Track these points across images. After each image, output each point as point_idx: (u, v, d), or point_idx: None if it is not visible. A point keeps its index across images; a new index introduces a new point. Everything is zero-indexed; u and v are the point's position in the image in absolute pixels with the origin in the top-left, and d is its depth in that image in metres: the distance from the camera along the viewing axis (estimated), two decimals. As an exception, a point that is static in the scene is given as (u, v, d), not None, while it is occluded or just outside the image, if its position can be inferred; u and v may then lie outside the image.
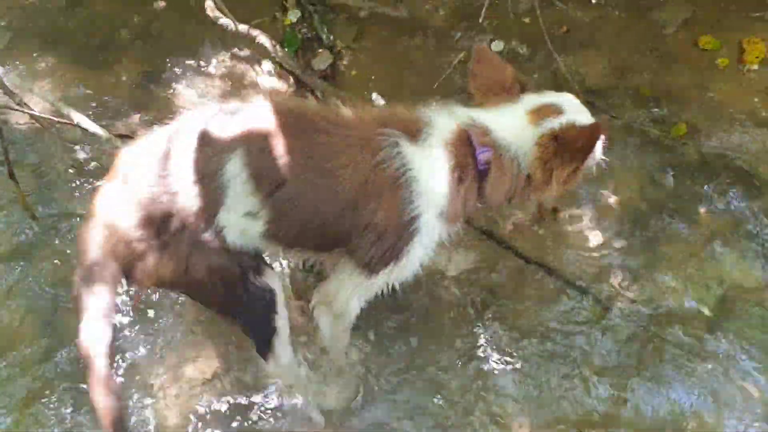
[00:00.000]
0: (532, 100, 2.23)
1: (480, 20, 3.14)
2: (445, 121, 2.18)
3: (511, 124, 2.18)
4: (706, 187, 3.08)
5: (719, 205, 3.03)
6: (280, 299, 2.27)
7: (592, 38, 3.57)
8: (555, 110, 2.19)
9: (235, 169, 2.03)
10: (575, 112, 2.22)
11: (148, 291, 2.72)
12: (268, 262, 2.33)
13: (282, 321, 2.31)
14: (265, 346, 2.33)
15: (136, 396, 2.58)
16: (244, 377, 2.61)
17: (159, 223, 2.05)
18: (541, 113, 2.18)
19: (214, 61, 3.60)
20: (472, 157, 2.14)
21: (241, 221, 2.10)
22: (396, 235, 2.11)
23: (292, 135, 2.06)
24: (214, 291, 2.17)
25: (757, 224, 2.97)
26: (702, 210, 3.02)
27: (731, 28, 3.51)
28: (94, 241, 2.13)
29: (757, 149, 3.19)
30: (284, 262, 2.80)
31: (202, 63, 3.58)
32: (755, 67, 3.40)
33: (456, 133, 2.15)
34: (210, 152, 2.04)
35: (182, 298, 2.72)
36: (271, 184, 2.05)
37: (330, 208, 2.09)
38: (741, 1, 3.58)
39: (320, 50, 3.59)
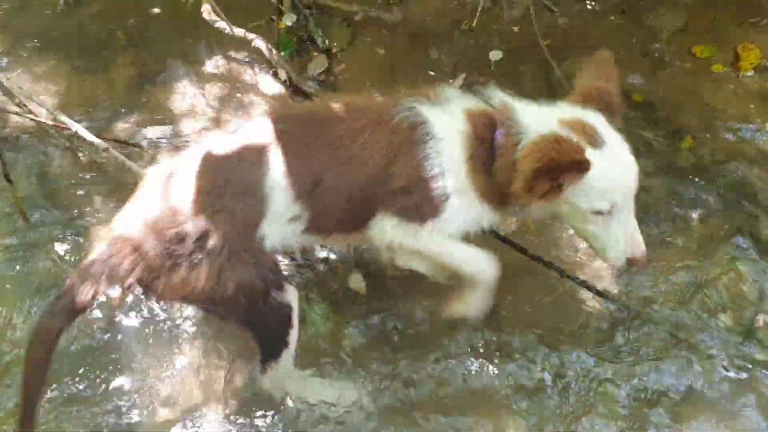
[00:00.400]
0: (593, 117, 2.14)
1: (472, 24, 3.14)
2: (469, 97, 2.22)
3: (543, 117, 2.13)
4: (699, 191, 3.09)
5: (713, 210, 3.03)
6: (295, 315, 2.31)
7: (587, 43, 3.58)
8: (594, 139, 2.08)
9: (274, 181, 2.12)
10: (605, 154, 2.07)
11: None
12: (288, 278, 2.37)
13: (293, 336, 2.34)
14: (271, 357, 2.36)
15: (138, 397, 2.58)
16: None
17: (195, 240, 2.08)
18: (578, 128, 2.08)
19: (209, 64, 3.61)
20: (491, 135, 2.14)
21: (285, 227, 2.20)
22: (424, 189, 2.16)
23: (315, 134, 2.16)
24: (238, 306, 2.20)
25: (752, 229, 2.96)
26: (695, 214, 3.02)
27: (726, 34, 3.53)
28: (109, 249, 2.14)
29: (752, 155, 3.20)
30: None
31: (198, 66, 3.59)
32: (750, 73, 3.42)
33: (479, 108, 2.18)
34: (247, 168, 2.13)
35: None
36: (308, 187, 2.14)
37: (363, 187, 2.18)
38: (735, 7, 3.60)
39: (316, 54, 3.60)
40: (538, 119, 2.12)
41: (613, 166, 2.07)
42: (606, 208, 2.10)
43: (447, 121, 2.16)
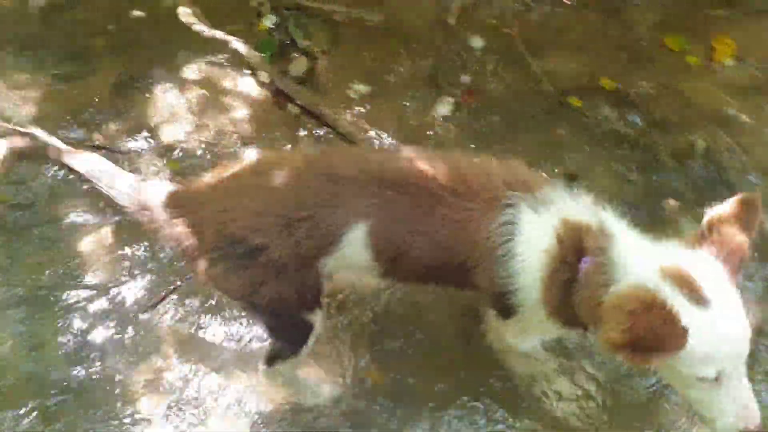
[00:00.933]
0: (704, 266, 1.80)
1: (450, 21, 3.16)
2: (573, 201, 2.01)
3: (643, 259, 1.83)
4: (678, 183, 3.14)
5: (691, 202, 3.07)
6: (314, 335, 2.33)
7: (566, 39, 3.63)
8: (700, 295, 1.73)
9: (357, 237, 2.05)
10: (712, 314, 1.73)
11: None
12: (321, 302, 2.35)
13: (304, 351, 2.37)
14: (278, 358, 2.40)
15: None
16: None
17: (250, 249, 2.04)
18: (682, 281, 1.75)
19: (191, 68, 3.59)
20: (578, 259, 1.90)
21: (354, 271, 2.21)
22: (499, 297, 2.08)
23: (417, 210, 2.03)
24: (263, 313, 2.25)
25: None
26: (674, 204, 3.07)
27: (701, 27, 3.59)
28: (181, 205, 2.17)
29: (728, 146, 3.26)
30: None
31: (179, 71, 3.57)
32: (725, 64, 3.47)
33: (576, 223, 1.93)
34: (335, 212, 2.04)
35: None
36: (391, 255, 2.09)
37: (446, 274, 2.13)
38: (710, 1, 3.65)
39: (297, 55, 3.60)
40: (636, 261, 1.83)
41: (720, 330, 1.73)
42: (711, 375, 1.78)
43: (537, 232, 1.96)
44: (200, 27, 3.45)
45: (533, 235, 1.97)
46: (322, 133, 3.31)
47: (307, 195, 2.05)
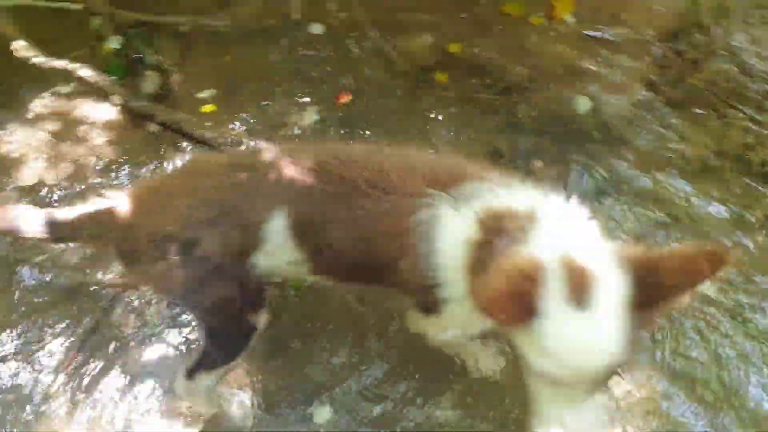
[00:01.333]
0: (611, 277, 1.60)
1: (298, 16, 3.16)
2: (500, 195, 1.89)
3: (557, 241, 1.69)
4: (539, 141, 3.23)
5: (552, 157, 3.18)
6: (254, 338, 2.30)
7: (412, 18, 3.70)
8: (581, 296, 1.56)
9: (277, 227, 2.05)
10: (578, 318, 1.58)
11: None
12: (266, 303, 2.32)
13: (239, 358, 2.34)
14: (206, 368, 2.34)
15: None
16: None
17: (182, 245, 2.04)
18: (574, 275, 1.59)
19: (37, 103, 3.44)
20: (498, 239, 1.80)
21: (285, 267, 2.16)
22: (426, 293, 2.03)
23: (336, 199, 2.01)
24: (206, 313, 2.22)
25: (588, 169, 3.14)
26: (539, 163, 3.16)
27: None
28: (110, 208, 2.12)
29: (580, 97, 3.41)
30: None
31: (24, 108, 3.42)
32: (566, 20, 3.62)
33: (502, 210, 1.84)
34: (256, 203, 2.05)
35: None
36: (313, 247, 2.09)
37: (373, 268, 2.11)
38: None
39: (148, 73, 3.52)
40: (548, 241, 1.70)
41: (574, 337, 1.59)
42: (545, 374, 1.67)
43: (458, 227, 1.89)
44: (39, 59, 3.29)
45: (454, 229, 1.91)
46: (184, 145, 3.25)
47: (229, 187, 2.08)
